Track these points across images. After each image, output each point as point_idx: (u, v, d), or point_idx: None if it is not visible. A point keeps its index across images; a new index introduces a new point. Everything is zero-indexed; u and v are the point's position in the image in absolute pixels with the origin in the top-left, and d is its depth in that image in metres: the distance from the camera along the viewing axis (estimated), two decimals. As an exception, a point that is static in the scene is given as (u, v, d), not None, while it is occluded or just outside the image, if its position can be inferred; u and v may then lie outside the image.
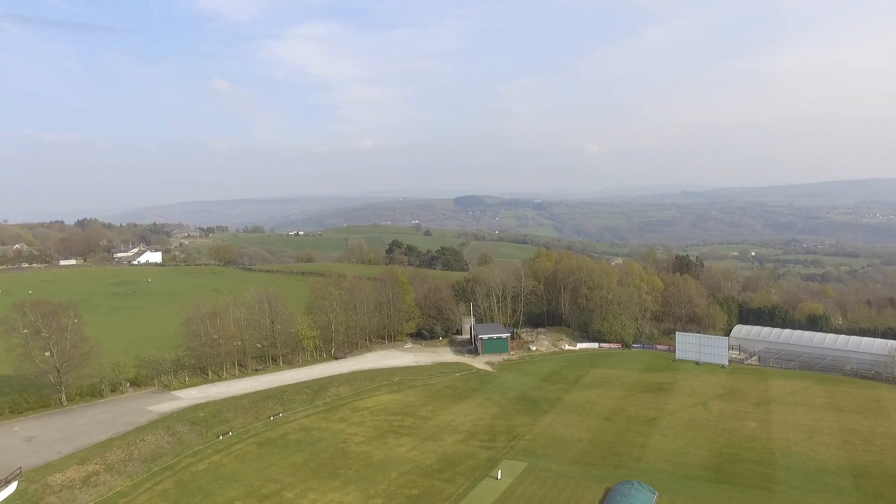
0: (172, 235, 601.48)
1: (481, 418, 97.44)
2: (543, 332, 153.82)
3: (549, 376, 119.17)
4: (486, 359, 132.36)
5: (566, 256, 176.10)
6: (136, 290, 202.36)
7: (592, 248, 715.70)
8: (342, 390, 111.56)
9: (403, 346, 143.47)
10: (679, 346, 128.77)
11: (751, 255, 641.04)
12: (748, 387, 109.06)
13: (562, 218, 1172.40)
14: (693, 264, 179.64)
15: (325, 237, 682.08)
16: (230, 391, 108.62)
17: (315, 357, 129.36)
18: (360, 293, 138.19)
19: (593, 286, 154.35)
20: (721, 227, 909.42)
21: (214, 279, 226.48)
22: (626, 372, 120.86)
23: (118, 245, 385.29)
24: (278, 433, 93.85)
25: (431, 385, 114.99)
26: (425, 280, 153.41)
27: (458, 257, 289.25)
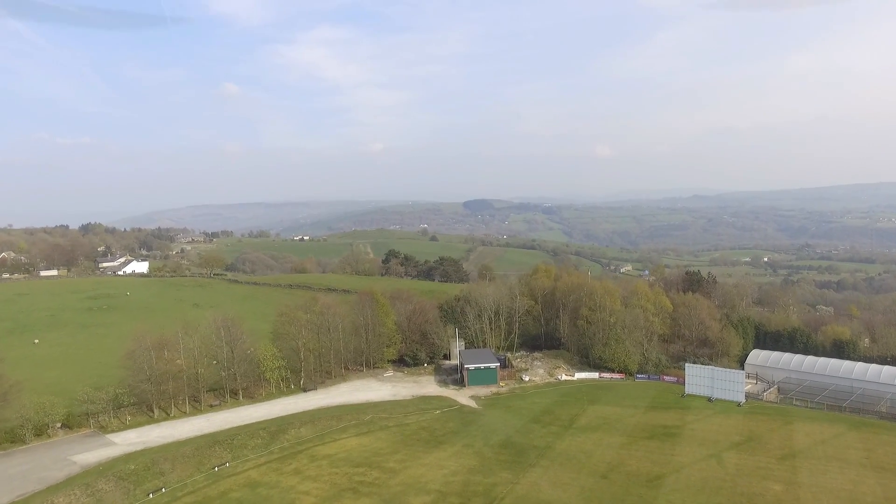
0: (176, 240, 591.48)
1: (456, 473, 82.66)
2: (539, 358, 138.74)
3: (541, 416, 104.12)
4: (473, 391, 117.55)
5: (566, 273, 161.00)
6: (111, 305, 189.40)
7: (602, 254, 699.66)
8: (304, 432, 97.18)
9: (383, 374, 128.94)
10: (689, 380, 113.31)
11: (763, 261, 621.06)
12: (769, 433, 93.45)
13: (571, 222, 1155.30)
14: (704, 280, 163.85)
15: (329, 242, 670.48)
16: (175, 434, 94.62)
17: (281, 389, 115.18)
18: (333, 317, 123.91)
19: (594, 307, 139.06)
20: (733, 232, 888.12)
21: (197, 293, 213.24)
22: (627, 410, 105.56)
23: (114, 252, 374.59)
24: (219, 490, 79.63)
25: (406, 426, 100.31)
26: (409, 300, 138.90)
27: (457, 268, 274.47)
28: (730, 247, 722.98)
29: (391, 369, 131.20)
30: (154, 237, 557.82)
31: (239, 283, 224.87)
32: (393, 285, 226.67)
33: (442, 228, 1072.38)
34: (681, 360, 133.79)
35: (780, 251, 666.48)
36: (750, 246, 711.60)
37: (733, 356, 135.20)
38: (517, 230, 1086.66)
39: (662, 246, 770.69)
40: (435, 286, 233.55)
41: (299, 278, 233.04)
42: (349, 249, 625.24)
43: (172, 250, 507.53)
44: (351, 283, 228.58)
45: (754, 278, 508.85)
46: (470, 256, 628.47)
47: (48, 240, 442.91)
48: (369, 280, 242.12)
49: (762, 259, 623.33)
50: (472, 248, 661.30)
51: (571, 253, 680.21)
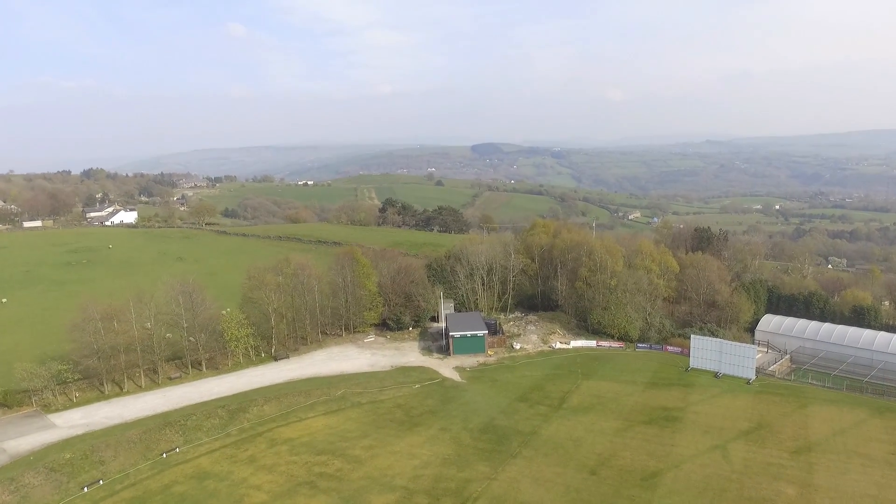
0: (178, 186, 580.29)
1: (428, 464, 73.16)
2: (534, 322, 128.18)
3: (529, 392, 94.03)
4: (458, 361, 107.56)
5: (565, 229, 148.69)
6: (91, 260, 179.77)
7: (610, 200, 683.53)
8: (267, 410, 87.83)
9: (364, 339, 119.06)
10: (694, 353, 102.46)
11: (775, 209, 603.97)
12: (781, 419, 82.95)
13: (581, 167, 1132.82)
14: (715, 238, 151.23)
15: (334, 187, 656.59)
16: (124, 414, 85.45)
17: (250, 358, 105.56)
18: (309, 278, 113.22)
19: (594, 268, 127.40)
20: (745, 179, 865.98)
21: (182, 245, 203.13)
22: (625, 387, 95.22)
23: (112, 199, 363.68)
24: (162, 482, 70.68)
25: (380, 403, 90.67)
26: (393, 260, 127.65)
27: (456, 218, 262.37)
28: (741, 194, 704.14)
29: (373, 334, 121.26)
30: (156, 183, 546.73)
31: (227, 235, 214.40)
32: (388, 237, 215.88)
33: (449, 173, 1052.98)
34: (686, 326, 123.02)
35: (793, 199, 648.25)
36: (762, 193, 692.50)
37: (743, 322, 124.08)
38: (525, 175, 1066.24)
39: (672, 192, 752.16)
40: (432, 238, 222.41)
41: (290, 229, 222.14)
42: (353, 195, 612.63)
43: (174, 196, 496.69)
44: (343, 234, 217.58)
45: (765, 227, 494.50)
46: (475, 202, 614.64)
47: (46, 187, 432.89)
48: (364, 231, 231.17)
49: (774, 207, 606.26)
50: (478, 193, 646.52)
51: (579, 199, 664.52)
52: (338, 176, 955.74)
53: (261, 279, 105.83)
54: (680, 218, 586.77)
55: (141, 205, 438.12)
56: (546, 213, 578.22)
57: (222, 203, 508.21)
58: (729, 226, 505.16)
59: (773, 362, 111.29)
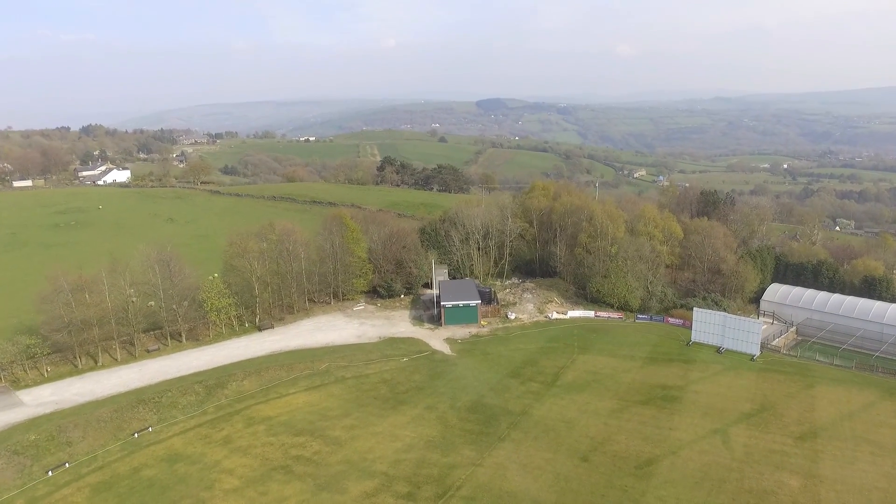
0: (178, 142, 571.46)
1: (411, 447, 69.02)
2: (531, 289, 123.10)
3: (522, 367, 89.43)
4: (450, 332, 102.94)
5: (565, 192, 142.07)
6: (80, 221, 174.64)
7: (615, 157, 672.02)
8: (247, 385, 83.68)
9: (354, 307, 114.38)
10: (697, 326, 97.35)
11: (783, 168, 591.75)
12: (786, 400, 78.24)
13: (586, 123, 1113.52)
14: (721, 202, 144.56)
15: (336, 143, 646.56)
16: (96, 390, 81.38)
17: (233, 329, 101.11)
18: (294, 244, 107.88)
19: (595, 234, 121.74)
20: (753, 136, 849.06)
21: (175, 206, 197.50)
22: (623, 362, 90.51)
23: (108, 156, 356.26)
24: (131, 465, 66.84)
25: (365, 378, 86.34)
26: (384, 224, 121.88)
27: (456, 177, 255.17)
28: (749, 152, 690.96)
29: (363, 301, 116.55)
30: (155, 139, 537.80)
31: (220, 195, 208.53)
32: (384, 197, 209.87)
33: (453, 129, 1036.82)
34: (689, 296, 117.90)
35: (801, 157, 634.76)
36: (770, 152, 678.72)
37: (748, 292, 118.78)
38: (530, 131, 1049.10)
39: (679, 150, 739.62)
40: (430, 198, 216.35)
41: (285, 189, 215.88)
42: (355, 151, 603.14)
43: (173, 153, 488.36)
44: (340, 194, 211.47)
45: (773, 187, 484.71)
46: (479, 159, 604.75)
47: (42, 144, 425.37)
48: (361, 190, 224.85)
49: (782, 166, 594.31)
50: (481, 150, 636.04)
51: (584, 156, 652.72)
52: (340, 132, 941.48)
53: (243, 246, 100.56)
54: (686, 176, 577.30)
55: (139, 162, 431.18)
56: (550, 170, 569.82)
57: (222, 160, 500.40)
58: (736, 185, 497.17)
59: (778, 334, 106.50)
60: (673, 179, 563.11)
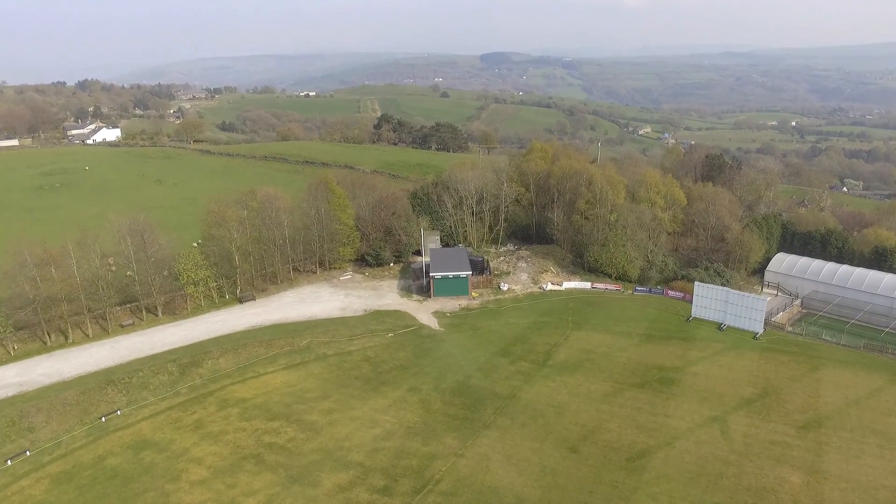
0: (176, 98, 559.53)
1: (391, 434, 64.96)
2: (526, 258, 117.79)
3: (512, 345, 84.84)
4: (438, 305, 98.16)
5: (564, 155, 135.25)
6: (64, 183, 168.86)
7: (620, 114, 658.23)
8: (223, 363, 79.46)
9: (340, 276, 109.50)
10: (697, 301, 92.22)
11: (791, 126, 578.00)
12: (789, 384, 73.64)
13: (592, 78, 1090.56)
14: (727, 167, 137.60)
15: (336, 98, 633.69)
16: (64, 370, 77.20)
17: (213, 301, 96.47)
18: (277, 212, 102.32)
19: (593, 200, 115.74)
20: (761, 93, 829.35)
21: (164, 166, 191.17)
22: (619, 340, 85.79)
23: (90, 116, 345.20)
24: (96, 453, 63.06)
25: (348, 356, 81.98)
26: (372, 189, 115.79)
27: (454, 135, 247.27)
28: (757, 109, 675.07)
29: (350, 270, 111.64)
30: (152, 95, 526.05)
31: (211, 155, 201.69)
32: (379, 157, 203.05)
33: (457, 83, 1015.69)
34: (690, 265, 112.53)
35: (810, 115, 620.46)
36: (778, 108, 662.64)
37: (753, 262, 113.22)
38: (535, 86, 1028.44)
39: (686, 106, 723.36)
40: (427, 157, 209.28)
41: (278, 148, 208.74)
42: (356, 107, 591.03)
43: (170, 109, 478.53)
44: (333, 153, 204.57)
45: (780, 145, 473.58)
46: (481, 115, 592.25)
47: (35, 100, 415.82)
48: (356, 150, 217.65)
49: (790, 123, 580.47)
50: (484, 105, 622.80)
51: (589, 112, 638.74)
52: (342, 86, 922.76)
53: (221, 214, 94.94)
54: (692, 134, 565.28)
55: (135, 118, 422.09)
56: (554, 127, 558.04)
57: (221, 116, 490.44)
58: (742, 143, 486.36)
59: (782, 307, 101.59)
60: (678, 137, 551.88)
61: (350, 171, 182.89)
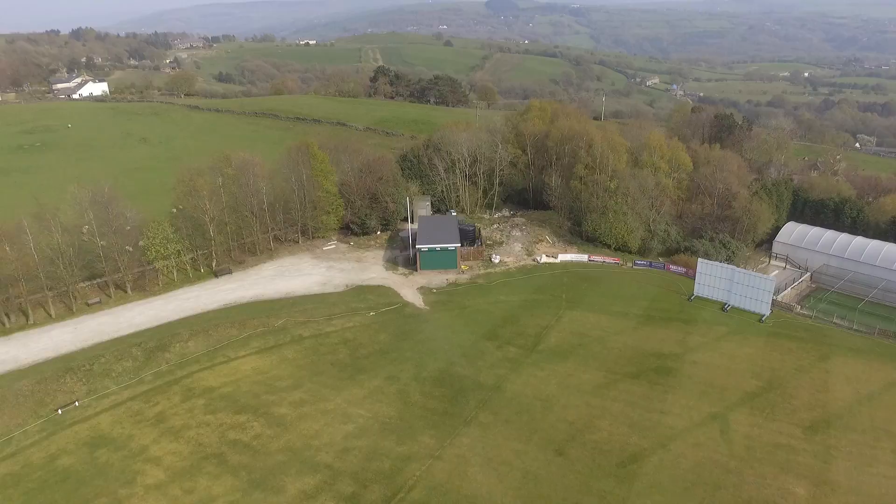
0: (172, 47, 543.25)
1: (364, 431, 59.87)
2: (521, 226, 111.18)
3: (500, 326, 79.01)
4: (425, 279, 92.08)
5: (563, 114, 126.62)
6: (45, 142, 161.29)
7: (628, 64, 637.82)
8: (192, 346, 74.12)
9: (324, 246, 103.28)
10: (701, 279, 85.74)
11: (803, 77, 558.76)
12: (796, 375, 67.84)
13: (600, 25, 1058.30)
14: (737, 127, 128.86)
15: (336, 47, 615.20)
16: (21, 356, 71.95)
17: (186, 275, 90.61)
18: (255, 179, 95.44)
19: (593, 165, 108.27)
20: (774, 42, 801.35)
21: (150, 123, 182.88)
22: (615, 322, 79.80)
23: (82, 67, 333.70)
24: (48, 453, 58.26)
25: (325, 338, 76.52)
26: (357, 153, 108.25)
27: (454, 88, 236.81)
28: (769, 59, 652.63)
29: (335, 240, 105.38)
30: (148, 44, 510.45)
31: (200, 111, 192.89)
32: (374, 112, 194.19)
33: (461, 31, 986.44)
34: (695, 235, 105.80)
35: (824, 65, 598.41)
36: (791, 59, 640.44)
37: (761, 232, 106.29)
38: (541, 34, 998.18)
39: (695, 56, 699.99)
40: (424, 113, 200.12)
41: (268, 104, 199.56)
42: (357, 56, 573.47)
43: (166, 59, 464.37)
44: (326, 109, 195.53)
45: (791, 97, 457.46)
46: (485, 64, 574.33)
47: (27, 50, 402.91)
48: (350, 105, 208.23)
49: (803, 75, 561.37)
50: (488, 55, 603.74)
51: (595, 62, 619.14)
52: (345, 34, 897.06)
53: (192, 184, 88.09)
54: (701, 85, 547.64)
55: (130, 69, 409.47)
56: (560, 77, 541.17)
57: (218, 65, 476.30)
58: (752, 95, 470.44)
59: (791, 282, 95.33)
60: (687, 88, 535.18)
61: (342, 128, 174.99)
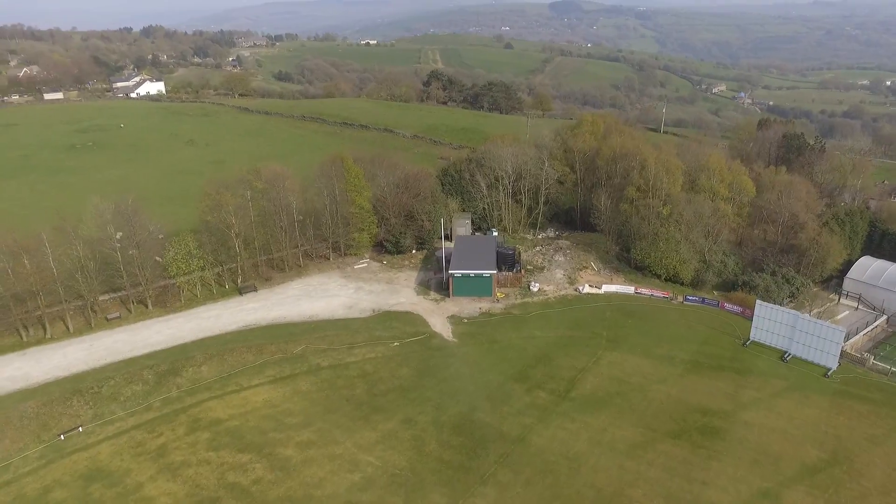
0: (236, 45, 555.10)
1: (371, 483, 54.84)
2: (565, 250, 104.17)
3: (532, 366, 72.63)
4: (457, 307, 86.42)
5: (617, 131, 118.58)
6: (97, 142, 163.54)
7: (694, 69, 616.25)
8: (205, 372, 70.92)
9: (356, 264, 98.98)
10: (758, 322, 77.13)
11: (885, 85, 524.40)
12: (868, 447, 58.95)
13: (666, 29, 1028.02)
14: (808, 149, 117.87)
15: (397, 48, 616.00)
16: (33, 373, 70.05)
17: (209, 291, 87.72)
18: (285, 192, 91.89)
19: (645, 187, 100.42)
20: (854, 47, 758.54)
21: (199, 125, 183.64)
22: (658, 368, 72.28)
23: (127, 68, 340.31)
24: (43, 484, 55.73)
25: (343, 369, 71.93)
26: (395, 168, 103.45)
27: (507, 95, 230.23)
28: (847, 66, 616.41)
29: (367, 257, 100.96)
30: (213, 42, 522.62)
31: (249, 113, 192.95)
32: (423, 119, 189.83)
33: (524, 32, 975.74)
34: (754, 266, 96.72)
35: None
36: (872, 66, 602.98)
37: (831, 268, 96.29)
38: (605, 36, 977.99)
39: (766, 62, 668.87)
40: (475, 120, 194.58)
41: (317, 107, 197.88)
42: (416, 57, 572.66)
43: (229, 57, 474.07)
44: (375, 114, 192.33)
45: (870, 108, 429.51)
46: (546, 68, 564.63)
47: (99, 47, 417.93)
48: (399, 110, 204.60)
49: (884, 83, 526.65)
50: (548, 58, 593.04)
51: (659, 67, 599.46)
52: (406, 34, 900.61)
53: (217, 199, 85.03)
54: (770, 93, 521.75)
55: (193, 66, 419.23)
56: (621, 82, 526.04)
57: (279, 64, 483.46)
58: (827, 105, 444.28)
59: (863, 326, 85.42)
60: (755, 96, 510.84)
61: (389, 135, 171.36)
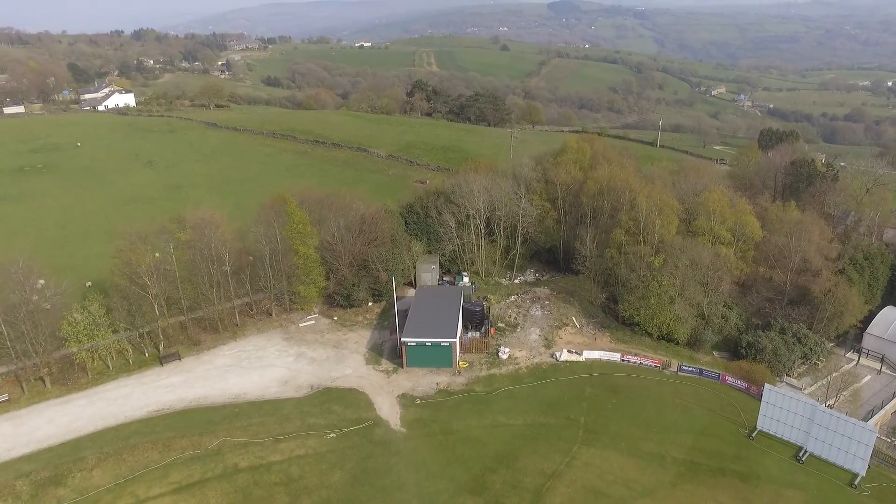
0: (227, 48, 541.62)
1: None
2: (543, 300, 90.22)
3: (492, 471, 58.85)
4: (411, 381, 72.67)
5: (604, 158, 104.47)
6: (48, 164, 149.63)
7: (693, 71, 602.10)
8: (96, 478, 57.52)
9: (301, 321, 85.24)
10: (766, 409, 63.32)
11: (886, 86, 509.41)
12: None
13: (665, 29, 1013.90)
14: (820, 178, 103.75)
15: (391, 51, 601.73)
16: None
17: (125, 361, 74.21)
18: (216, 242, 78.21)
19: (635, 230, 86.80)
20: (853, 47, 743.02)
21: (162, 142, 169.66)
22: (645, 470, 58.59)
23: (110, 74, 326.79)
24: None
25: (265, 471, 58.35)
26: (347, 209, 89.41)
27: (495, 107, 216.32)
28: (847, 66, 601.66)
29: (316, 311, 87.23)
30: (203, 45, 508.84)
31: (217, 129, 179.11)
32: (402, 135, 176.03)
33: (522, 33, 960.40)
34: (760, 318, 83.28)
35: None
36: (872, 66, 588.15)
37: (849, 322, 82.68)
38: (604, 37, 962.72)
39: (765, 63, 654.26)
40: (456, 136, 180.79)
41: (289, 122, 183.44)
42: (410, 60, 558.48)
43: (218, 61, 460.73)
44: (351, 130, 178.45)
45: (872, 110, 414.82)
46: (542, 70, 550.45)
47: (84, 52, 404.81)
48: (377, 125, 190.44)
49: (885, 84, 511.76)
50: (545, 60, 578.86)
51: (658, 69, 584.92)
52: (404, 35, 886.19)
53: (130, 256, 71.27)
54: (770, 95, 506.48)
55: (179, 71, 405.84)
56: (619, 85, 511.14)
57: (270, 68, 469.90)
58: (828, 107, 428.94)
59: (889, 394, 71.79)
60: (755, 98, 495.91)
61: (361, 154, 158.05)
